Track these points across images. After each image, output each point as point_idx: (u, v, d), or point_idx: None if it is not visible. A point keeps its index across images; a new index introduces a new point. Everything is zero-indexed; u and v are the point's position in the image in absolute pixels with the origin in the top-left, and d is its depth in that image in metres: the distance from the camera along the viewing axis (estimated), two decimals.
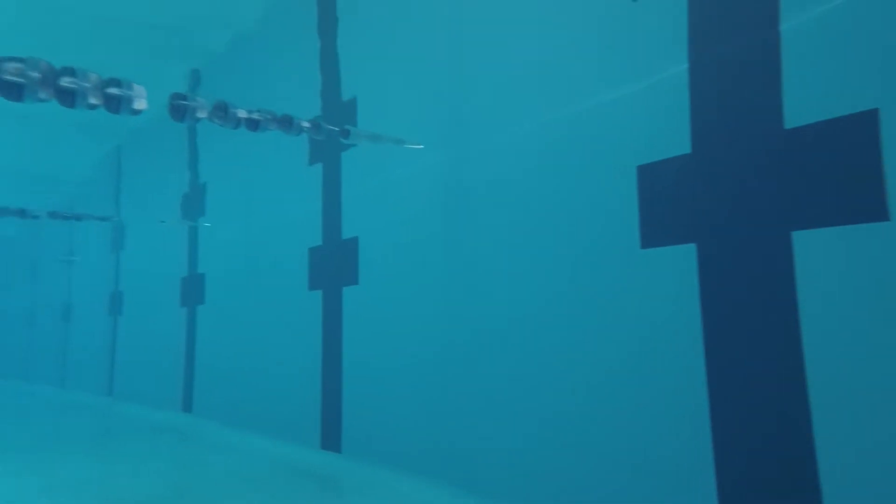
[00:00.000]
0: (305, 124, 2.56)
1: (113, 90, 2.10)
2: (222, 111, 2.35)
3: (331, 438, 3.91)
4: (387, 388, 3.53)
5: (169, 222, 6.26)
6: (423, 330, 3.31)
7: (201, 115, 2.31)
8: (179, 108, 2.27)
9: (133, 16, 4.99)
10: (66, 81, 2.03)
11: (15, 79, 1.99)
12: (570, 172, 2.59)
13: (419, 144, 3.07)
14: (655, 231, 2.25)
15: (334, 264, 4.06)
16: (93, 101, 2.11)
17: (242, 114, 2.40)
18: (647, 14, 2.35)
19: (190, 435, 5.08)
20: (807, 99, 1.88)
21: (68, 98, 2.08)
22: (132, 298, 7.79)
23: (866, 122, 1.74)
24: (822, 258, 1.82)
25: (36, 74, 2.02)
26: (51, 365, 10.39)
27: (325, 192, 4.21)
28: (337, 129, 2.71)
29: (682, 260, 2.16)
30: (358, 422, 3.75)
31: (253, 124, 2.42)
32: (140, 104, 2.22)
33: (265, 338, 4.86)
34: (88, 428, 5.85)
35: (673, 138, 2.21)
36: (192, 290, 6.19)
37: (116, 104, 2.14)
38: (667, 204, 2.22)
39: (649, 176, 2.27)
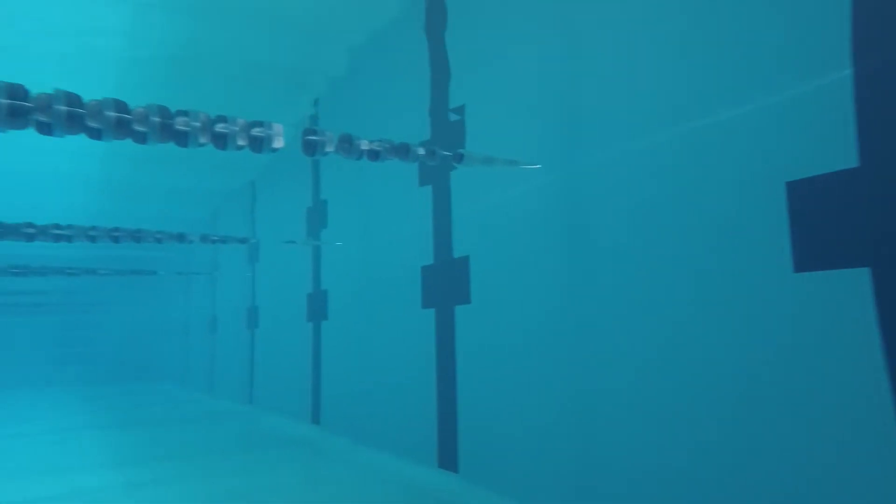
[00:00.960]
0: (421, 151, 2.67)
1: (257, 131, 2.36)
2: (347, 143, 2.52)
3: (448, 458, 3.96)
4: (504, 409, 3.50)
5: (296, 242, 6.79)
6: (539, 351, 3.25)
7: (329, 148, 2.50)
8: (310, 143, 2.48)
9: (255, 54, 5.48)
10: (219, 127, 2.31)
11: (183, 128, 2.30)
12: (705, 190, 2.38)
13: (536, 164, 3.07)
14: (813, 253, 2.00)
15: (446, 283, 4.15)
16: (241, 142, 2.38)
17: (364, 145, 2.56)
18: (798, 15, 2.12)
19: (319, 448, 5.37)
20: None
21: (221, 142, 2.35)
22: (266, 313, 8.52)
23: None
24: None
25: (197, 124, 2.33)
26: (201, 373, 11.65)
27: (436, 211, 4.33)
28: (451, 154, 2.79)
29: (851, 285, 1.93)
30: (475, 442, 3.76)
31: (374, 154, 2.57)
32: (278, 142, 2.45)
33: (382, 354, 5.07)
34: (230, 437, 6.36)
35: (834, 151, 1.96)
36: (317, 306, 6.63)
37: (259, 144, 2.39)
38: (828, 223, 1.97)
39: (802, 193, 2.03)
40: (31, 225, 4.50)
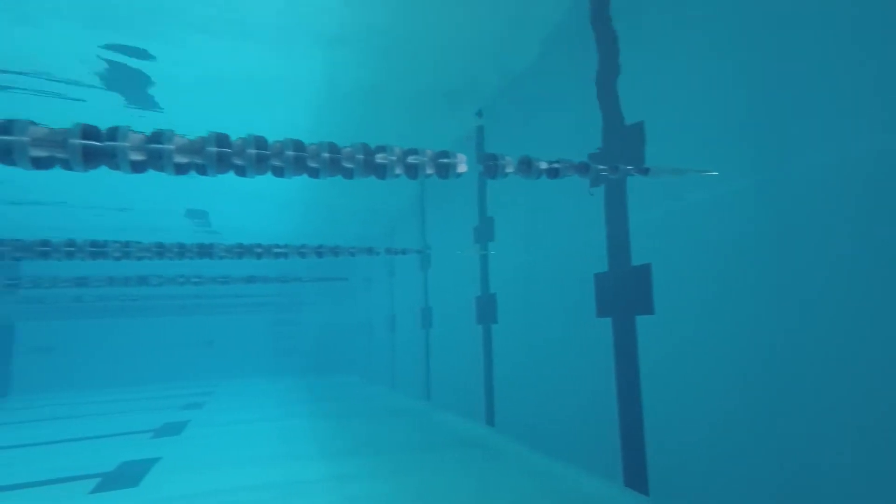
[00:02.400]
0: (602, 168, 2.51)
1: (443, 160, 2.42)
2: (526, 165, 2.47)
3: (635, 477, 3.72)
4: (698, 429, 3.18)
5: (465, 251, 6.97)
6: (740, 367, 2.88)
7: (509, 170, 2.47)
8: (490, 168, 2.48)
9: (422, 78, 5.72)
10: (411, 159, 2.42)
11: (382, 161, 2.47)
12: None
13: (713, 171, 2.73)
14: None
15: (624, 292, 3.89)
16: (429, 171, 2.47)
17: (543, 165, 2.49)
18: None
19: (494, 452, 5.44)
20: None
21: (413, 171, 2.47)
22: (439, 314, 8.92)
23: None
24: None
25: (393, 157, 2.48)
26: (383, 368, 12.64)
27: (609, 217, 4.09)
28: (634, 168, 2.59)
29: None
30: (667, 464, 3.48)
31: (553, 173, 2.48)
32: (461, 168, 2.50)
33: (556, 360, 4.95)
34: (411, 434, 6.71)
35: None
36: (486, 309, 6.73)
37: (445, 171, 2.46)
38: None
39: None
40: (259, 245, 5.32)
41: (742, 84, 2.91)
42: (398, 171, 2.40)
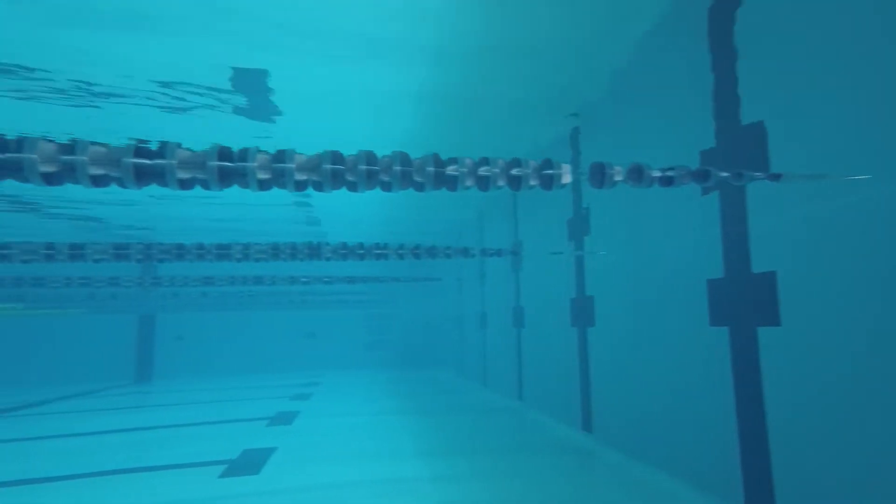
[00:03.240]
0: (724, 175, 2.31)
1: (548, 171, 2.36)
2: (637, 173, 2.34)
3: (759, 500, 3.43)
4: (834, 452, 2.86)
5: (561, 253, 6.80)
6: (884, 390, 2.55)
7: (618, 178, 2.35)
8: (597, 174, 2.37)
9: (517, 83, 5.62)
10: (515, 171, 2.38)
11: (452, 173, 2.45)
12: None
13: (863, 175, 2.40)
14: None
15: (743, 300, 3.58)
16: (532, 182, 2.41)
17: (656, 173, 2.34)
18: None
19: (592, 459, 5.26)
20: None
21: (516, 183, 2.43)
22: (531, 313, 8.79)
23: None
24: None
25: (464, 169, 2.45)
26: (475, 364, 12.71)
27: (725, 221, 3.77)
28: (763, 175, 2.36)
29: None
30: (798, 489, 3.17)
31: (667, 181, 2.33)
32: (566, 178, 2.42)
33: (661, 368, 4.68)
34: (505, 435, 6.67)
35: None
36: (582, 311, 6.52)
37: (549, 182, 2.39)
38: None
39: None
40: (361, 246, 5.57)
41: (891, 75, 2.56)
42: (469, 182, 2.37)
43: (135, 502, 4.29)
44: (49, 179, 1.86)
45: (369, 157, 2.44)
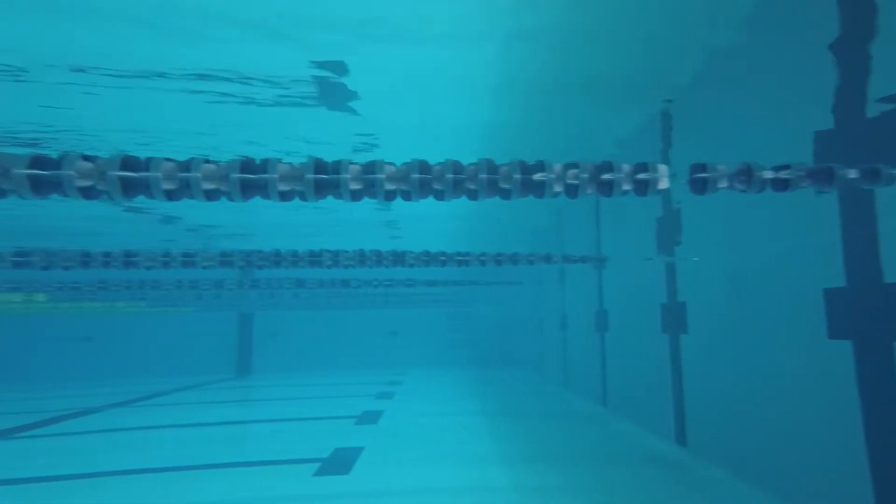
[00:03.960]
0: (853, 174, 2.02)
1: (642, 176, 2.19)
2: (745, 175, 2.11)
3: None
4: None
5: (652, 258, 6.44)
6: None
7: (722, 184, 2.14)
8: (699, 181, 2.18)
9: (600, 63, 5.30)
10: (605, 176, 2.24)
11: (540, 179, 2.35)
12: None
13: None
14: None
15: (871, 313, 3.16)
16: (626, 187, 2.26)
17: (768, 174, 2.10)
18: None
19: (689, 475, 4.91)
20: None
21: (607, 189, 2.29)
22: (615, 317, 8.42)
23: None
24: None
25: (552, 175, 2.35)
26: (555, 366, 12.41)
27: (847, 223, 3.36)
28: None
29: None
30: None
31: (781, 184, 2.08)
32: (662, 183, 2.24)
33: (767, 381, 4.27)
34: (591, 442, 6.40)
35: None
36: (673, 317, 6.13)
37: (644, 188, 2.23)
38: None
39: None
40: (443, 254, 5.64)
41: None
42: (590, 190, 2.24)
43: (238, 496, 4.55)
44: (169, 195, 2.00)
45: (456, 167, 2.40)
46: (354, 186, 2.27)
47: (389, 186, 2.34)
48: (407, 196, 2.42)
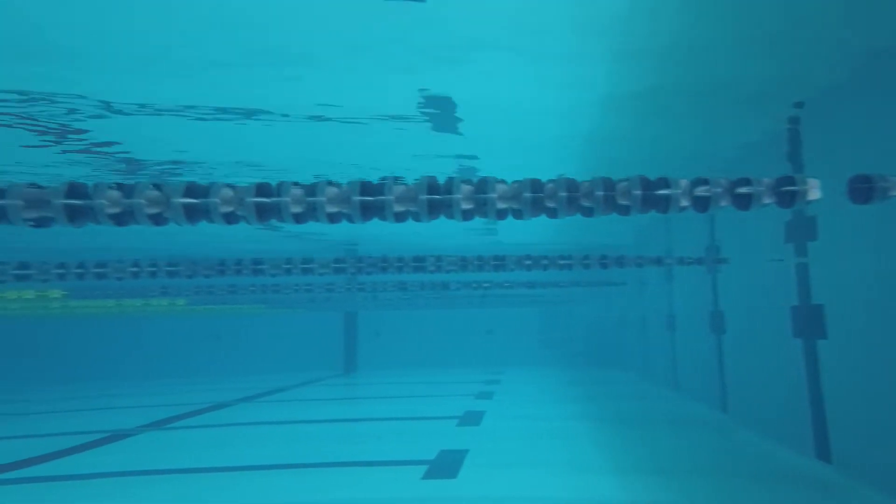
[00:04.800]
0: None
1: (787, 188, 1.95)
2: None
3: None
4: None
5: (779, 259, 5.84)
6: None
7: (893, 193, 1.83)
8: (862, 191, 1.88)
9: (723, 73, 4.87)
10: (743, 189, 2.03)
11: (663, 194, 2.18)
12: None
13: None
14: None
15: None
16: (766, 200, 2.03)
17: None
18: None
19: (835, 498, 4.38)
20: None
21: (744, 202, 2.07)
22: (734, 319, 7.75)
23: None
24: None
25: (678, 191, 2.16)
26: (663, 368, 11.73)
27: None
28: None
29: None
30: None
31: None
32: (814, 194, 1.98)
33: None
34: (713, 455, 5.90)
35: None
36: (808, 321, 5.50)
37: (790, 199, 1.98)
38: None
39: None
40: (545, 257, 5.55)
41: None
42: (724, 202, 2.03)
43: (352, 496, 4.73)
44: (297, 219, 2.13)
45: (570, 184, 2.31)
46: (466, 206, 2.27)
47: (501, 206, 2.31)
48: (518, 215, 2.37)
